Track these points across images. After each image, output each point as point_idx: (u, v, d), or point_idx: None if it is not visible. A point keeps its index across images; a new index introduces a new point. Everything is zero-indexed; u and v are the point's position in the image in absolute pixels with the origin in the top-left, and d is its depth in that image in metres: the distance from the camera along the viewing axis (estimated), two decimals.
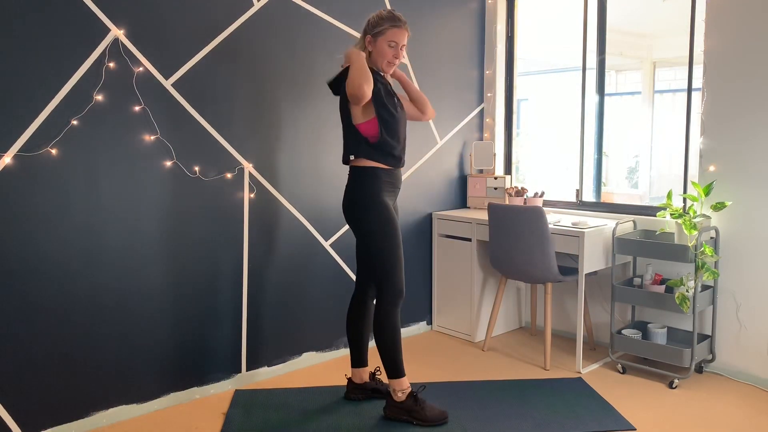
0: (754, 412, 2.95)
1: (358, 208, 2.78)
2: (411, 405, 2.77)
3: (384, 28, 2.70)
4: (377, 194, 2.76)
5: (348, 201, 2.82)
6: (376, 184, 2.76)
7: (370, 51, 2.76)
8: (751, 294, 3.25)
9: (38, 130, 2.54)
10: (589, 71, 3.95)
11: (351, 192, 2.81)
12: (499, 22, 4.30)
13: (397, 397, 2.80)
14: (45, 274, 2.60)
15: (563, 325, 4.07)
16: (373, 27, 2.73)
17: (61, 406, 2.68)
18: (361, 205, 2.77)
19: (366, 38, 2.76)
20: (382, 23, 2.71)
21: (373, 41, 2.74)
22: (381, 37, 2.72)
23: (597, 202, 4.00)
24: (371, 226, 2.75)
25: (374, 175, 2.76)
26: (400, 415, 2.80)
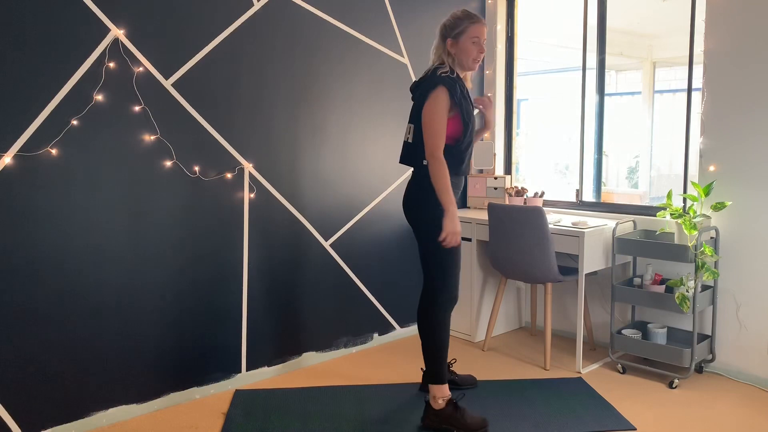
0: (754, 412, 2.95)
1: (424, 209, 2.73)
2: (451, 413, 2.71)
3: (464, 27, 2.70)
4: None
5: (414, 201, 2.78)
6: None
7: (453, 54, 2.73)
8: (751, 294, 3.25)
9: (38, 130, 2.54)
10: (589, 71, 3.95)
11: (418, 192, 2.75)
12: (499, 22, 4.30)
13: (437, 405, 2.74)
14: (45, 274, 2.60)
15: (563, 325, 4.07)
16: (452, 29, 2.71)
17: (61, 406, 2.68)
18: (431, 205, 2.70)
19: (447, 42, 2.71)
20: (461, 23, 2.71)
21: (455, 43, 2.71)
22: (463, 36, 2.70)
23: (597, 202, 4.00)
24: (438, 226, 2.67)
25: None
26: (439, 424, 2.72)
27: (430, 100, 2.65)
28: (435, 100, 2.64)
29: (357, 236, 3.72)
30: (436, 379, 2.75)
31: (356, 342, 3.78)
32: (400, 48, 3.84)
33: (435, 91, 2.65)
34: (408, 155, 2.83)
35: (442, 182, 2.64)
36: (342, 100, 3.57)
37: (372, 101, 3.72)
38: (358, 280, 3.75)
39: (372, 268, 3.82)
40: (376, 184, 3.80)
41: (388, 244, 3.88)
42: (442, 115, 2.64)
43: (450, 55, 2.73)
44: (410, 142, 2.79)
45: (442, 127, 2.64)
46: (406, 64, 3.88)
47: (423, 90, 2.71)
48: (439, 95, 2.64)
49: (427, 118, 2.65)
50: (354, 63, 3.61)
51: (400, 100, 3.86)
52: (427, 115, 2.65)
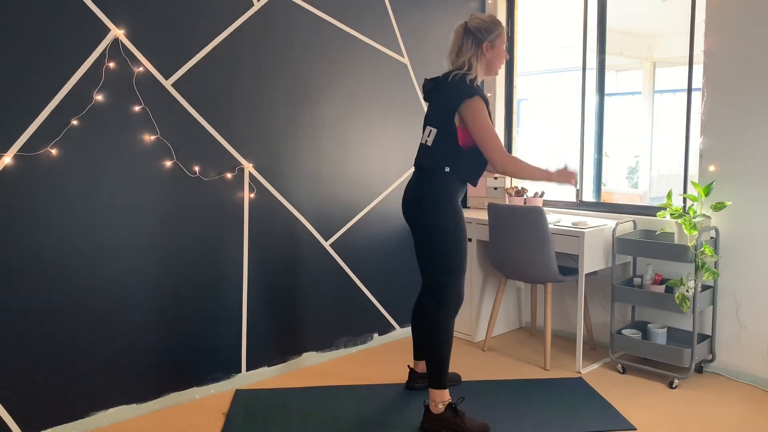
0: (754, 412, 2.95)
1: (432, 209, 2.69)
2: (450, 417, 2.68)
3: (499, 32, 2.71)
4: (454, 198, 2.72)
5: (421, 202, 2.72)
6: (453, 189, 2.71)
7: (488, 59, 2.72)
8: (751, 294, 3.25)
9: (38, 130, 2.54)
10: (589, 71, 3.95)
11: (427, 195, 2.70)
12: None
13: (436, 409, 2.71)
14: (45, 274, 2.60)
15: (563, 325, 4.07)
16: (488, 32, 2.69)
17: (61, 406, 2.68)
18: (439, 206, 2.68)
19: (484, 46, 2.69)
20: (495, 27, 2.71)
21: (491, 47, 2.71)
22: (498, 41, 2.71)
23: (597, 202, 4.00)
24: (448, 227, 2.67)
25: (454, 182, 2.71)
26: (438, 428, 2.69)
27: (471, 111, 2.61)
28: (478, 111, 2.61)
29: (357, 236, 3.72)
30: (437, 384, 2.72)
31: (356, 342, 3.78)
32: (400, 48, 3.84)
33: (474, 102, 2.61)
34: (427, 159, 2.74)
35: (528, 171, 2.68)
36: (342, 100, 3.57)
37: (372, 101, 3.72)
38: (358, 280, 3.75)
39: (372, 269, 3.82)
40: (376, 184, 3.80)
41: (388, 244, 3.88)
42: (489, 123, 2.63)
43: (482, 60, 2.71)
44: (429, 146, 2.74)
45: (496, 135, 2.64)
46: (406, 64, 3.88)
47: (454, 97, 2.63)
48: (480, 106, 2.62)
49: (480, 133, 2.61)
50: (354, 63, 3.61)
51: (399, 100, 3.87)
52: (477, 128, 2.61)
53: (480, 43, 2.69)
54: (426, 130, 2.78)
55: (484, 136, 2.62)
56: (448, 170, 2.68)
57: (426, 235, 2.74)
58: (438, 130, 2.70)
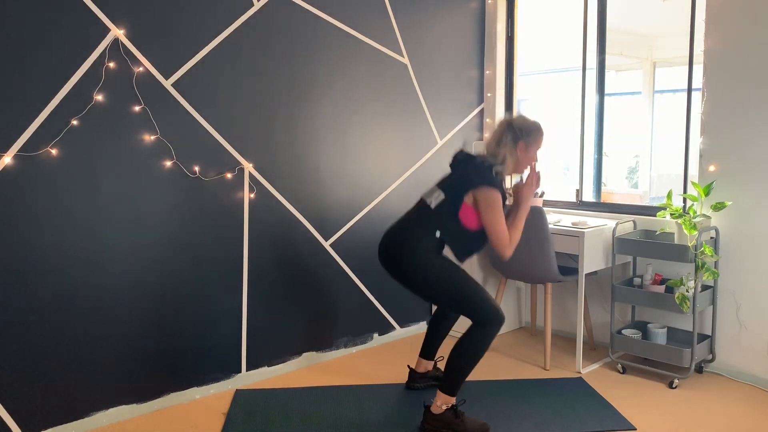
0: (754, 412, 2.95)
1: (410, 256, 2.71)
2: (450, 417, 2.69)
3: (537, 137, 2.79)
4: (431, 252, 2.74)
5: (404, 250, 2.73)
6: (433, 249, 2.74)
7: (519, 158, 2.78)
8: (751, 294, 3.25)
9: (38, 130, 2.54)
10: (589, 71, 3.95)
11: (408, 243, 2.73)
12: (499, 22, 4.30)
13: (437, 410, 2.71)
14: (44, 274, 2.60)
15: (563, 325, 4.07)
16: (528, 134, 2.76)
17: (61, 406, 2.68)
18: (416, 254, 2.70)
19: (520, 144, 2.76)
20: (536, 132, 2.78)
21: (525, 148, 2.77)
22: (534, 146, 2.79)
23: (597, 202, 4.00)
24: (428, 266, 2.70)
25: (438, 246, 2.76)
26: (438, 428, 2.69)
27: (487, 201, 2.67)
28: (495, 204, 2.67)
29: (357, 236, 3.72)
30: (449, 391, 2.71)
31: (356, 342, 3.78)
32: (400, 48, 3.84)
33: (493, 194, 2.67)
34: (423, 217, 2.77)
35: (520, 229, 2.76)
36: (342, 100, 3.57)
37: (372, 101, 3.72)
38: (358, 280, 3.75)
39: (372, 268, 3.80)
40: (376, 184, 3.80)
41: None
42: (502, 217, 2.70)
43: (514, 156, 2.76)
44: (431, 207, 2.76)
45: (505, 228, 2.70)
46: (406, 64, 3.88)
47: (476, 180, 2.68)
48: (498, 200, 2.68)
49: (491, 226, 2.68)
50: (354, 63, 3.61)
51: (399, 100, 3.87)
52: (489, 220, 2.68)
53: (516, 141, 2.75)
54: (434, 192, 2.81)
55: (495, 228, 2.68)
56: (438, 235, 2.73)
57: (421, 282, 2.75)
58: (446, 198, 2.74)
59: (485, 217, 2.69)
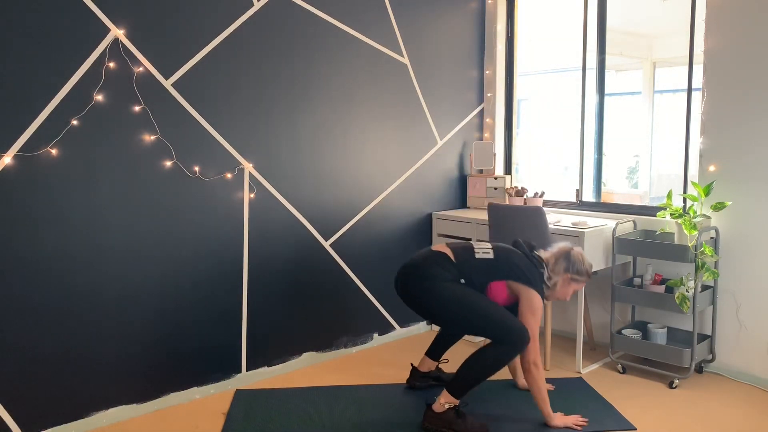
0: (754, 412, 2.95)
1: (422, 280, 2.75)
2: (452, 417, 2.69)
3: (582, 279, 2.87)
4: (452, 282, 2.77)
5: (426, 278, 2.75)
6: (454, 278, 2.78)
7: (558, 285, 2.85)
8: (751, 294, 3.25)
9: (38, 130, 2.54)
10: (589, 71, 3.95)
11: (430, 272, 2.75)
12: (499, 22, 4.30)
13: (440, 407, 2.71)
14: (45, 274, 2.60)
15: (563, 325, 4.06)
16: (577, 272, 2.84)
17: (61, 406, 2.68)
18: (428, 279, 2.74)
19: (565, 275, 2.84)
20: (582, 276, 2.86)
21: (567, 282, 2.86)
22: (574, 284, 2.87)
23: (597, 202, 4.00)
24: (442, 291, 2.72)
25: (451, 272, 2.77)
26: (439, 427, 2.69)
27: (530, 302, 2.75)
28: (537, 308, 2.75)
29: (357, 236, 3.72)
30: (456, 393, 2.71)
31: (356, 342, 3.78)
32: (400, 48, 3.84)
33: (537, 298, 2.76)
34: (461, 259, 2.78)
35: (544, 391, 2.77)
36: (342, 100, 3.57)
37: (372, 101, 3.72)
38: (358, 280, 3.75)
39: (372, 268, 3.82)
40: (376, 184, 3.80)
41: (388, 245, 3.88)
42: (538, 322, 2.76)
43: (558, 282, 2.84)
44: (475, 257, 2.79)
45: (538, 329, 2.77)
46: (406, 64, 3.88)
47: (527, 277, 2.76)
48: (540, 306, 2.77)
49: (528, 324, 2.73)
50: (354, 63, 3.61)
51: (399, 100, 3.87)
52: (527, 317, 2.74)
53: (566, 271, 2.84)
54: (485, 244, 2.87)
55: (530, 324, 2.73)
56: (462, 282, 2.76)
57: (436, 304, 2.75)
58: (492, 263, 2.79)
59: (524, 312, 2.75)
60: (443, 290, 2.72)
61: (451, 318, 2.78)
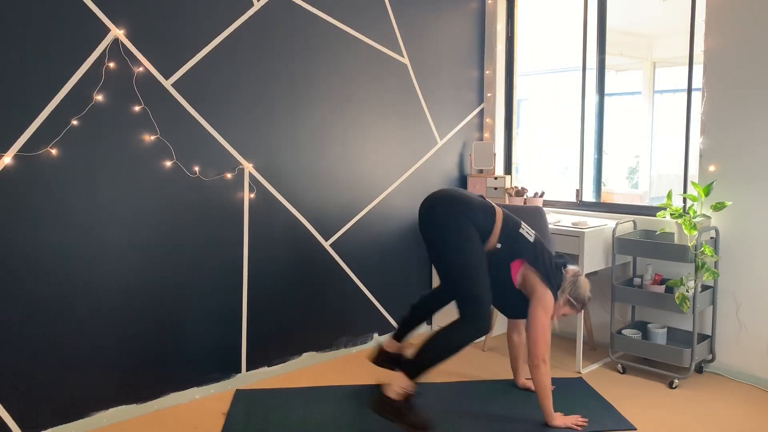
0: (754, 412, 2.95)
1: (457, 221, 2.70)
2: (402, 406, 2.65)
3: (576, 306, 2.90)
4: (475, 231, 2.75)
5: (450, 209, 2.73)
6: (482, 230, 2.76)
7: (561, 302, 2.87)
8: (751, 294, 3.25)
9: (38, 130, 2.54)
10: (589, 71, 3.95)
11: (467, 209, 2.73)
12: (499, 22, 4.30)
13: (393, 393, 2.65)
14: (45, 274, 2.60)
15: (563, 325, 4.06)
16: (576, 298, 2.88)
17: (61, 406, 2.68)
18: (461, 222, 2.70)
19: (564, 296, 2.86)
20: (578, 304, 2.90)
21: (564, 304, 2.89)
22: (569, 307, 2.90)
23: (597, 202, 4.00)
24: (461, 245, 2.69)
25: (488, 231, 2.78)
26: (386, 412, 2.64)
27: (542, 299, 2.77)
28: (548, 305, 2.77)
29: (357, 236, 3.72)
30: (413, 374, 2.65)
31: (356, 342, 3.78)
32: (400, 48, 3.84)
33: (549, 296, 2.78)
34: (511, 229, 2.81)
35: (549, 388, 2.77)
36: (342, 100, 3.57)
37: (372, 101, 3.72)
38: (358, 280, 3.76)
39: (372, 268, 3.82)
40: (376, 184, 3.80)
41: (388, 244, 3.88)
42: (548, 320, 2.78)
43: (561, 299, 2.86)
44: (519, 231, 2.83)
45: (549, 330, 2.80)
46: (406, 64, 3.88)
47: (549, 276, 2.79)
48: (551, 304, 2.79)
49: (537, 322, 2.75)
50: (354, 63, 3.61)
51: (399, 100, 3.87)
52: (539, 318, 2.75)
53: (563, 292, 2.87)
54: (529, 229, 2.91)
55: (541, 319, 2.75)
56: (499, 246, 2.79)
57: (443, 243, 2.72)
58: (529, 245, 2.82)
59: (535, 310, 2.76)
60: (465, 230, 2.69)
61: (448, 257, 2.71)
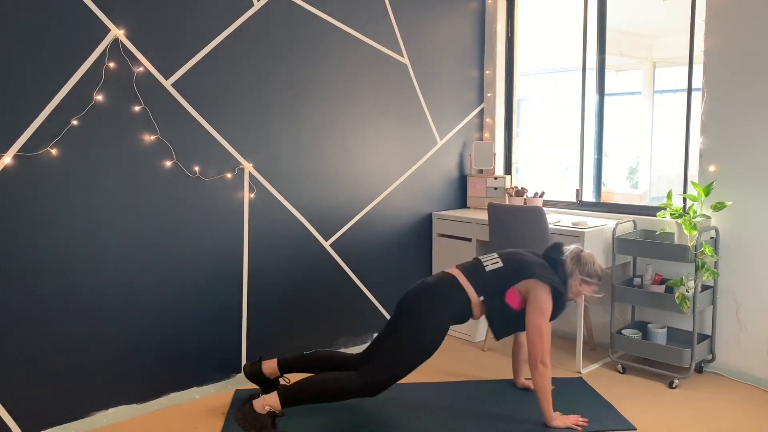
0: (754, 412, 2.95)
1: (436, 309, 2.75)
2: (265, 421, 2.63)
3: (593, 282, 2.89)
4: (452, 320, 2.80)
5: (431, 299, 2.77)
6: (462, 312, 2.79)
7: (572, 285, 2.87)
8: (751, 294, 3.25)
9: (38, 130, 2.54)
10: (589, 71, 3.95)
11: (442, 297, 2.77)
12: (499, 22, 4.30)
13: (260, 408, 2.64)
14: (45, 274, 2.60)
15: (563, 325, 4.06)
16: (588, 275, 2.87)
17: (61, 406, 2.68)
18: (438, 309, 2.75)
19: (577, 277, 2.85)
20: (594, 279, 2.89)
21: (580, 284, 2.87)
22: (586, 285, 2.89)
23: (597, 202, 4.00)
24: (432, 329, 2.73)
25: (471, 309, 2.80)
26: (249, 426, 2.62)
27: (537, 296, 2.75)
28: (544, 302, 2.75)
29: (357, 236, 3.72)
30: (285, 401, 2.65)
31: (356, 342, 3.78)
32: (400, 48, 3.84)
33: (544, 290, 2.76)
34: (474, 276, 2.82)
35: (548, 390, 2.76)
36: (342, 100, 3.57)
37: (372, 101, 3.72)
38: (358, 280, 3.76)
39: (372, 268, 3.82)
40: (376, 184, 3.80)
41: (388, 245, 3.88)
42: (546, 320, 2.75)
43: (572, 284, 2.86)
44: (485, 270, 2.83)
45: (547, 333, 2.76)
46: (406, 64, 3.88)
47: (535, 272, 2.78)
48: (548, 298, 2.77)
49: (533, 325, 2.73)
50: (354, 63, 3.61)
51: (399, 100, 3.87)
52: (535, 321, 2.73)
53: (578, 272, 2.85)
54: (491, 256, 2.88)
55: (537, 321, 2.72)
56: (482, 299, 2.79)
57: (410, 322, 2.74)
58: (502, 271, 2.81)
59: (531, 314, 2.75)
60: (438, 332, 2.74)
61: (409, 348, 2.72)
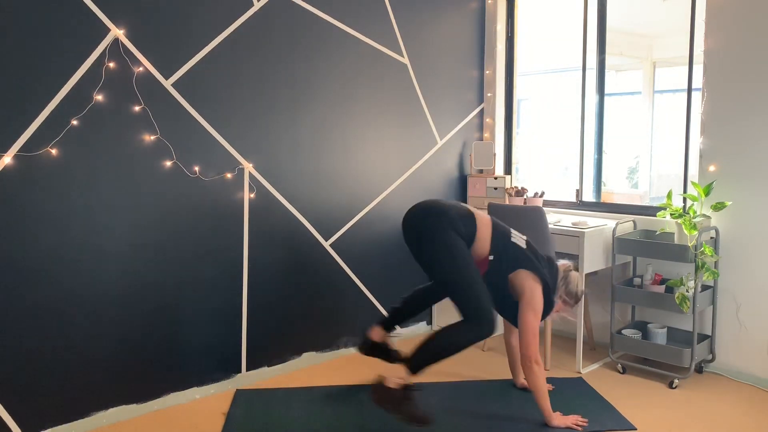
0: (754, 412, 2.95)
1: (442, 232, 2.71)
2: (400, 396, 2.62)
3: (569, 303, 2.92)
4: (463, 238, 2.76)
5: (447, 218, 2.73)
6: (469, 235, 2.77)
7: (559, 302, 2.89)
8: (751, 294, 3.25)
9: (38, 130, 2.54)
10: (589, 71, 3.95)
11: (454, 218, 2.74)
12: (499, 22, 4.30)
13: (392, 383, 2.62)
14: (45, 274, 2.60)
15: (563, 325, 4.06)
16: (569, 294, 2.89)
17: (61, 406, 2.68)
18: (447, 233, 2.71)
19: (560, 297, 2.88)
20: (571, 300, 2.91)
21: (558, 300, 2.89)
22: (562, 304, 2.91)
23: (597, 202, 4.00)
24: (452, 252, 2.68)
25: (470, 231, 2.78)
26: (385, 403, 2.61)
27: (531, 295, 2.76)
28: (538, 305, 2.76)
29: (357, 236, 3.72)
30: (414, 368, 2.65)
31: (356, 342, 3.77)
32: (400, 48, 3.84)
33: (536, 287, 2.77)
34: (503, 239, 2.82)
35: (545, 389, 2.77)
36: (342, 100, 3.57)
37: (372, 101, 3.72)
38: (358, 280, 3.76)
39: (372, 268, 3.82)
40: (376, 184, 3.80)
41: (388, 244, 3.88)
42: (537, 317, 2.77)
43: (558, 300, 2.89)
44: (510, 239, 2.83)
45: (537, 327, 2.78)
46: (406, 64, 3.88)
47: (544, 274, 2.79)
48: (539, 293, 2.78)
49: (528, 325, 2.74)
50: (354, 63, 3.61)
51: (399, 100, 3.87)
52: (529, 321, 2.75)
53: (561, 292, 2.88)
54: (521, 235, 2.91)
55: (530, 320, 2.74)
56: (492, 258, 2.78)
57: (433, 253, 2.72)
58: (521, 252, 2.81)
59: (524, 312, 2.75)
60: (452, 242, 2.68)
61: (441, 268, 2.71)
